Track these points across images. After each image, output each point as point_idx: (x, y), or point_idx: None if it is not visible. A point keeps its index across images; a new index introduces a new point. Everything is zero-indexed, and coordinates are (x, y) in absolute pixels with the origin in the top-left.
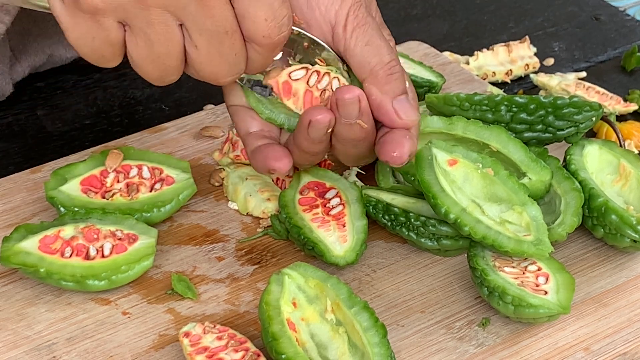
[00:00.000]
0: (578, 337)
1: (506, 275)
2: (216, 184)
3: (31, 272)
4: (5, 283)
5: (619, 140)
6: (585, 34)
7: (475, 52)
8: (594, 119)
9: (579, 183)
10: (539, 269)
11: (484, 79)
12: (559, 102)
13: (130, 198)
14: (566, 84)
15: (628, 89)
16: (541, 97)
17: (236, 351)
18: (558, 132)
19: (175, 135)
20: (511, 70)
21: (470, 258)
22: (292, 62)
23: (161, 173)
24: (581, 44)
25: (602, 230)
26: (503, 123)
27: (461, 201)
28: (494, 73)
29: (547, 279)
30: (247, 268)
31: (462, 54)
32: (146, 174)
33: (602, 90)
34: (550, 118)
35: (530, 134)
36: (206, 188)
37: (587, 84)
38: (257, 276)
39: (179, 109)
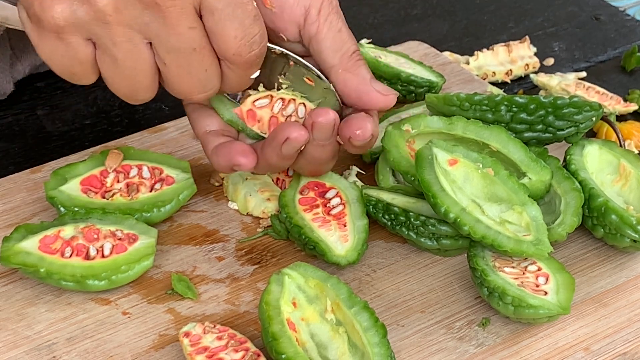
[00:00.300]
0: (578, 337)
1: (506, 275)
2: (216, 184)
3: (31, 272)
4: (5, 283)
5: (619, 140)
6: (585, 34)
7: (475, 52)
8: (594, 119)
9: (579, 183)
10: (539, 269)
11: (484, 79)
12: (559, 102)
13: (130, 198)
14: (566, 84)
15: (628, 89)
16: (541, 97)
17: (236, 351)
18: (558, 132)
19: (175, 135)
20: (511, 70)
21: (470, 258)
22: (283, 81)
23: (161, 173)
24: (581, 44)
25: (602, 230)
26: (503, 123)
27: (461, 201)
28: (494, 73)
29: (547, 279)
30: (247, 268)
31: (462, 54)
32: (146, 174)
33: (602, 90)
34: (550, 118)
35: (530, 134)
36: (206, 188)
37: (587, 84)
38: (257, 276)
39: (179, 109)
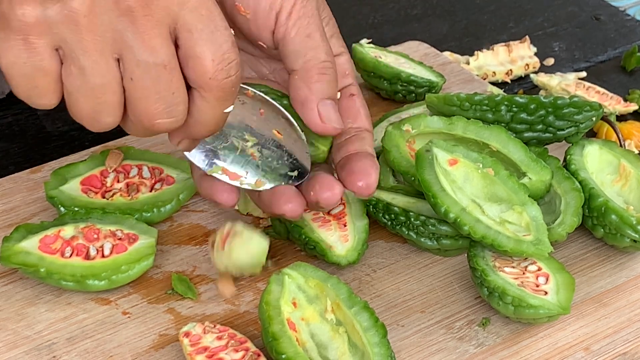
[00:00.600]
0: (578, 337)
1: (506, 275)
2: None
3: (31, 272)
4: (5, 283)
5: (619, 140)
6: (585, 34)
7: (475, 52)
8: (594, 119)
9: (579, 183)
10: (539, 269)
11: (484, 79)
12: (559, 102)
13: (130, 198)
14: (566, 84)
15: (628, 89)
16: (541, 97)
17: (236, 351)
18: (558, 132)
19: None
20: (511, 70)
21: (470, 258)
22: (248, 137)
23: (161, 173)
24: (581, 44)
25: (602, 230)
26: (503, 123)
27: (461, 201)
28: (494, 73)
29: (547, 279)
30: None
31: (462, 54)
32: (146, 174)
33: (602, 90)
34: (550, 118)
35: (530, 134)
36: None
37: (587, 84)
38: (257, 276)
39: None
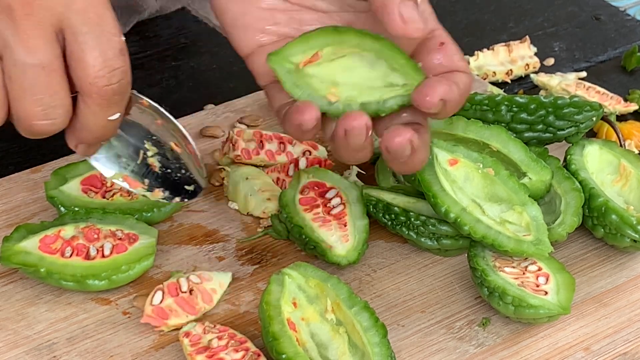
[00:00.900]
0: (578, 337)
1: (506, 275)
2: (216, 184)
3: (31, 272)
4: (5, 283)
5: (619, 140)
6: (585, 34)
7: (475, 52)
8: (595, 119)
9: (579, 183)
10: (539, 269)
11: (484, 79)
12: (560, 102)
13: (130, 198)
14: (566, 84)
15: (628, 89)
16: (541, 97)
17: (236, 351)
18: (558, 132)
19: None
20: (511, 70)
21: (470, 258)
22: (149, 147)
23: None
24: (581, 44)
25: (602, 230)
26: (503, 123)
27: (461, 201)
28: (494, 73)
29: (548, 279)
30: (248, 268)
31: (463, 54)
32: None
33: (603, 90)
34: (550, 118)
35: (530, 134)
36: (206, 188)
37: (588, 84)
38: (258, 276)
39: (179, 109)
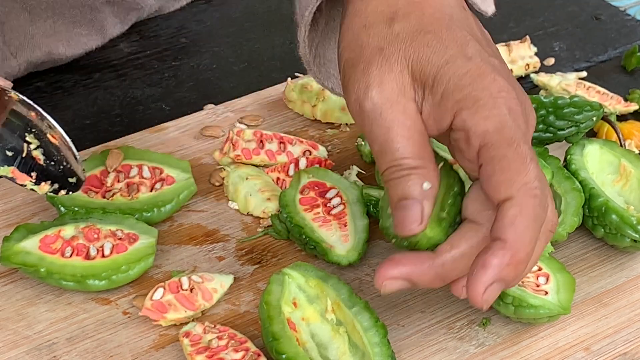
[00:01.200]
0: (578, 337)
1: None
2: (216, 184)
3: (31, 272)
4: (5, 283)
5: (620, 140)
6: (585, 34)
7: None
8: (595, 119)
9: (580, 183)
10: (540, 269)
11: None
12: (560, 102)
13: (130, 198)
14: (567, 84)
15: (628, 89)
16: (542, 97)
17: (236, 351)
18: (559, 132)
19: (175, 135)
20: (511, 70)
21: None
22: (31, 139)
23: (161, 173)
24: (582, 44)
25: (603, 230)
26: None
27: None
28: None
29: (548, 279)
30: (248, 268)
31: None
32: (146, 174)
33: (603, 90)
34: (550, 118)
35: None
36: (206, 188)
37: (588, 84)
38: (258, 276)
39: (180, 109)
